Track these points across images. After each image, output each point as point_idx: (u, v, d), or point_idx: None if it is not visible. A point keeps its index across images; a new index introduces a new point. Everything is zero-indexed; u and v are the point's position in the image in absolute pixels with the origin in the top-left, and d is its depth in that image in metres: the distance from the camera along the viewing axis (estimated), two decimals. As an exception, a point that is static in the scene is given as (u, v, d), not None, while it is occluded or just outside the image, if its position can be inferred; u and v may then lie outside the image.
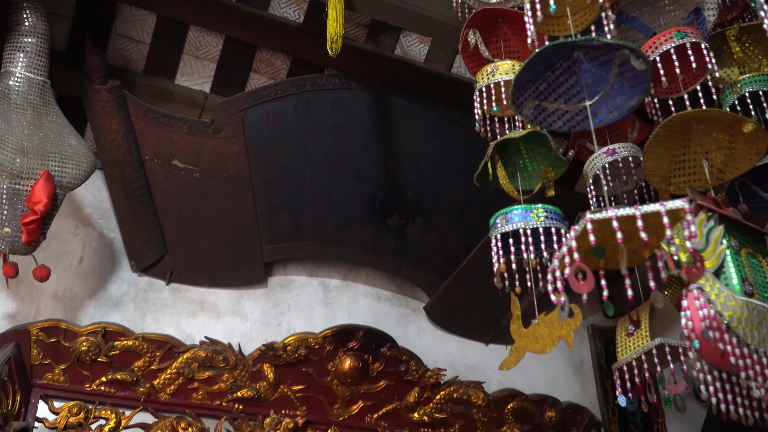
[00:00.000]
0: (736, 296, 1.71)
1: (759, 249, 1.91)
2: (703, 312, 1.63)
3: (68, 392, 3.13)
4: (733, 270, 1.77)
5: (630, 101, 1.89)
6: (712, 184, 1.98)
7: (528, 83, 1.87)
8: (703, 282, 1.68)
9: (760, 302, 1.76)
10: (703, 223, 1.80)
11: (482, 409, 3.81)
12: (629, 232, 1.56)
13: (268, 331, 3.66)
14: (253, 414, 3.40)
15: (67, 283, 3.34)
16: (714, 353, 1.62)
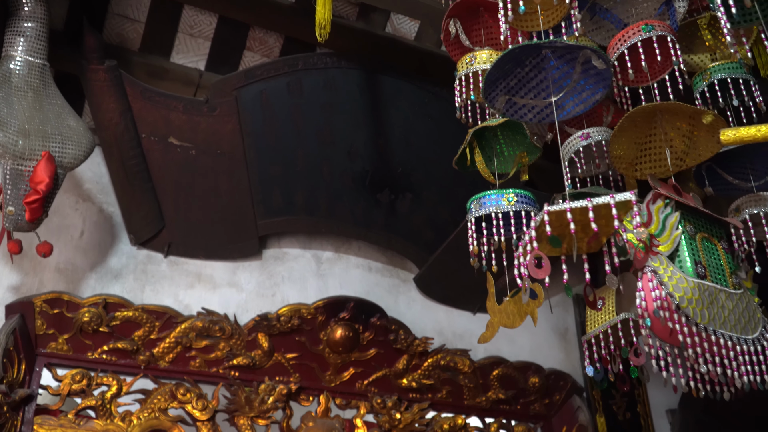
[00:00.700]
0: (689, 278, 1.85)
1: (714, 233, 2.04)
2: (655, 293, 1.77)
3: (71, 360, 3.29)
4: (686, 254, 1.90)
5: (594, 95, 2.00)
6: (674, 171, 2.10)
7: (498, 80, 1.98)
8: (657, 265, 1.82)
9: (712, 283, 1.90)
10: (660, 210, 1.93)
11: (468, 375, 3.98)
12: (585, 222, 1.68)
13: (262, 302, 3.81)
14: (249, 380, 3.57)
15: (68, 256, 3.48)
16: (664, 331, 1.76)
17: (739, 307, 1.93)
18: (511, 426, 4.14)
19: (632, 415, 4.47)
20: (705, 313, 1.82)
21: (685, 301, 1.80)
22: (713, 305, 1.85)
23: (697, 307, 1.81)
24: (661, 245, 1.89)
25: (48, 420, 3.16)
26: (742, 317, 1.92)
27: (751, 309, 1.98)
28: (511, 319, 2.28)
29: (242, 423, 3.50)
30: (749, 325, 1.93)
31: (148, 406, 3.37)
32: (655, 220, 1.92)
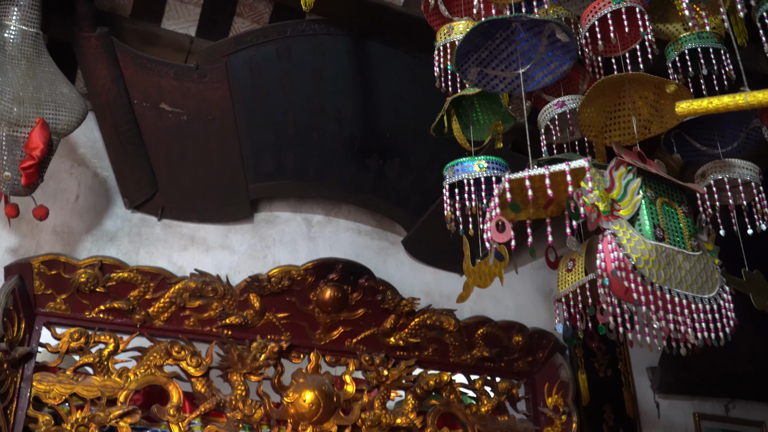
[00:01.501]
0: (647, 240, 1.96)
1: (675, 198, 2.15)
2: (613, 254, 1.88)
3: (69, 319, 3.42)
4: (646, 217, 2.01)
5: (562, 66, 2.09)
6: (640, 138, 2.20)
7: (470, 52, 2.07)
8: (617, 228, 1.93)
9: (670, 245, 2.01)
10: (622, 176, 2.04)
11: (454, 334, 4.12)
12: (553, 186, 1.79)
13: (254, 264, 3.93)
14: (241, 339, 3.71)
15: (65, 219, 3.59)
16: (621, 289, 1.88)
17: (696, 268, 2.05)
18: (495, 383, 4.29)
19: (613, 373, 4.64)
20: (661, 273, 1.93)
21: (642, 262, 1.91)
22: (670, 266, 1.97)
23: (653, 267, 1.93)
24: (621, 209, 1.99)
25: (47, 376, 3.30)
26: (699, 277, 2.03)
27: (709, 270, 2.10)
28: (483, 280, 2.41)
29: (235, 379, 3.65)
30: (706, 285, 2.04)
31: (144, 363, 3.51)
32: (617, 186, 2.02)
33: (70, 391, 3.33)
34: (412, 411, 3.97)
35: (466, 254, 2.45)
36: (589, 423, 4.39)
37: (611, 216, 1.91)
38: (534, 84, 2.14)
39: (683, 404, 4.84)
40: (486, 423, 4.15)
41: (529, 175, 1.80)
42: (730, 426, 5.05)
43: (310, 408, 3.71)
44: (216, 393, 3.59)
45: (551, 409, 4.24)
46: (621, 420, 4.52)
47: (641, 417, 4.65)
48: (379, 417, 3.87)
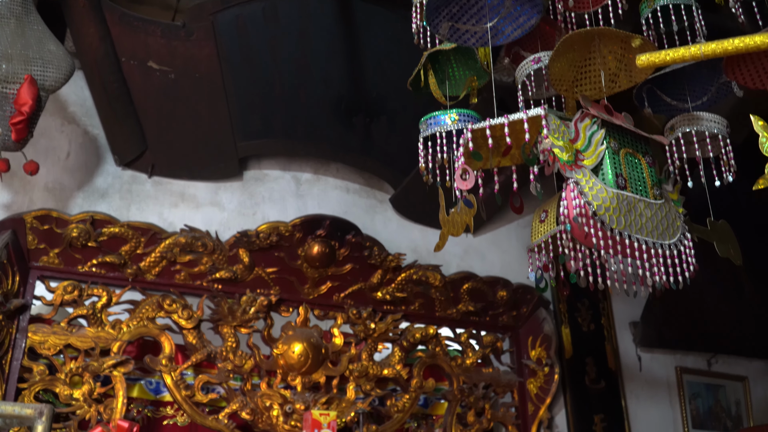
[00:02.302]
0: (608, 189, 2.04)
1: (640, 149, 2.22)
2: (575, 201, 1.96)
3: (63, 273, 3.51)
4: (608, 167, 2.09)
5: (530, 20, 2.15)
6: (608, 93, 2.26)
7: (440, 7, 2.13)
8: (580, 177, 2.00)
9: (631, 194, 2.09)
10: (587, 127, 2.11)
11: (439, 289, 4.22)
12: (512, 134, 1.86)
13: (244, 221, 4.01)
14: (231, 293, 3.81)
15: (56, 176, 3.67)
16: (581, 235, 1.97)
17: (657, 216, 2.13)
18: (480, 336, 4.41)
19: (596, 327, 4.75)
20: (621, 220, 2.02)
21: (603, 209, 2.00)
22: (631, 213, 2.05)
23: (614, 214, 2.01)
24: (585, 159, 2.07)
25: (42, 328, 3.41)
26: (660, 225, 2.12)
27: (671, 218, 2.18)
28: (456, 228, 2.49)
29: (226, 331, 3.76)
30: (667, 232, 2.13)
31: (136, 316, 3.62)
32: (581, 137, 2.09)
33: (65, 342, 3.43)
34: (399, 362, 4.10)
35: (442, 205, 2.53)
36: (571, 375, 4.52)
37: (575, 165, 1.99)
38: (504, 38, 2.20)
39: (665, 358, 4.96)
40: (471, 374, 4.28)
41: (490, 124, 1.87)
42: (712, 380, 5.17)
43: (299, 359, 3.82)
44: (207, 344, 3.71)
45: (534, 362, 4.36)
46: (603, 372, 4.64)
47: (623, 370, 4.78)
48: (366, 368, 3.99)
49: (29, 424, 1.31)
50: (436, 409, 4.30)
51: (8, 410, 1.30)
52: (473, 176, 1.89)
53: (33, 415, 1.30)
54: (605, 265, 2.06)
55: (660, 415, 4.79)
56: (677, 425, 4.82)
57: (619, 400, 4.64)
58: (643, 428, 4.67)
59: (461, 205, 2.37)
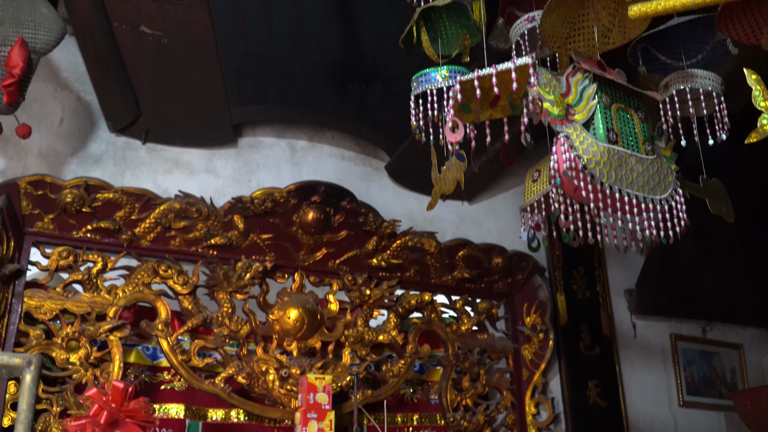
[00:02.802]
0: (599, 143, 2.04)
1: (632, 105, 2.21)
2: (565, 155, 1.96)
3: (57, 239, 3.51)
4: (600, 122, 2.08)
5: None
6: (602, 49, 2.25)
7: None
8: (571, 131, 2.00)
9: (622, 149, 2.09)
10: (579, 82, 2.10)
11: (435, 256, 4.23)
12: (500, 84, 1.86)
13: (239, 187, 4.01)
14: (226, 259, 3.81)
15: (50, 142, 3.66)
16: (571, 189, 1.97)
17: (649, 171, 2.13)
18: (476, 303, 4.43)
19: (591, 294, 4.78)
20: (612, 174, 2.02)
21: (593, 163, 1.99)
22: (622, 167, 2.05)
23: (604, 168, 2.01)
24: (576, 114, 2.06)
25: (37, 293, 3.42)
26: (652, 180, 2.12)
27: (663, 173, 2.18)
28: (447, 186, 2.49)
29: (221, 297, 3.77)
30: (659, 187, 2.13)
31: (132, 281, 3.63)
32: (573, 92, 2.08)
33: (61, 306, 3.45)
34: (394, 329, 4.12)
35: (434, 163, 2.52)
36: (565, 341, 4.55)
37: (566, 120, 1.99)
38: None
39: (660, 325, 4.99)
40: (466, 340, 4.31)
41: (479, 75, 1.86)
42: (707, 347, 5.21)
43: (295, 325, 3.84)
44: (203, 310, 3.72)
45: (529, 328, 4.39)
46: (597, 339, 4.67)
47: (618, 337, 4.81)
48: (361, 334, 4.01)
49: (18, 373, 1.31)
50: (432, 375, 4.32)
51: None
52: (462, 129, 1.89)
53: (21, 364, 1.31)
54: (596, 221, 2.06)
55: (654, 382, 4.83)
56: (671, 391, 4.86)
57: (614, 367, 4.67)
58: (637, 394, 4.71)
59: (453, 161, 2.37)
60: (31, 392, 1.28)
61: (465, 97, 1.89)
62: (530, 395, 4.34)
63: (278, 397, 3.75)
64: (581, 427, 4.42)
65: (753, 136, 2.04)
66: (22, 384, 1.27)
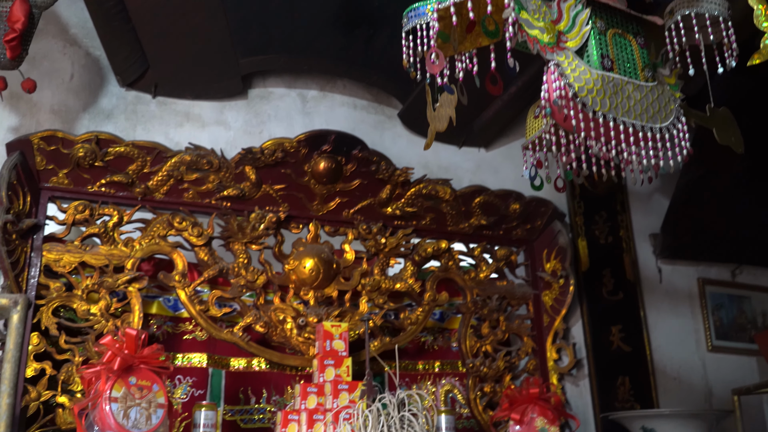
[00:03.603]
0: (592, 70, 1.96)
1: (630, 30, 2.12)
2: (555, 84, 1.89)
3: (73, 193, 3.55)
4: (594, 48, 2.00)
5: None
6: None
7: None
8: (562, 59, 1.93)
9: (618, 75, 2.01)
10: (571, 8, 2.02)
11: (450, 203, 4.19)
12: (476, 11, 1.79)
13: (250, 139, 4.01)
14: (240, 210, 3.83)
15: (61, 98, 3.69)
16: (561, 118, 1.91)
17: (648, 99, 2.05)
18: (494, 250, 4.40)
19: (614, 239, 4.70)
20: (606, 102, 1.94)
21: (585, 91, 1.92)
22: (617, 95, 1.97)
23: (597, 96, 1.94)
24: (569, 41, 1.99)
25: (56, 246, 3.48)
26: (651, 107, 2.04)
27: (664, 101, 2.09)
28: (441, 123, 2.44)
29: (237, 248, 3.80)
30: (659, 115, 2.05)
31: (148, 234, 3.67)
32: (564, 18, 2.00)
33: (79, 259, 3.50)
34: (411, 277, 4.11)
35: (428, 101, 2.47)
36: (587, 287, 4.51)
37: (557, 47, 1.91)
38: None
39: (687, 269, 4.90)
40: (485, 287, 4.29)
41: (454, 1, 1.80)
42: (736, 291, 5.11)
43: (311, 274, 3.86)
44: (219, 261, 3.75)
45: (549, 274, 4.35)
46: (621, 284, 4.62)
47: (642, 282, 4.75)
48: (378, 282, 4.02)
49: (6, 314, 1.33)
50: (452, 323, 4.32)
51: None
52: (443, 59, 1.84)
53: (8, 305, 1.32)
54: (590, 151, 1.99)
55: (681, 327, 4.77)
56: (699, 336, 4.79)
57: (638, 312, 4.62)
58: (663, 339, 4.66)
59: (444, 96, 2.32)
60: (18, 332, 1.29)
61: (443, 26, 1.83)
62: (551, 341, 4.32)
63: (296, 345, 3.79)
64: (604, 372, 4.40)
65: (756, 58, 1.94)
66: (10, 324, 1.28)
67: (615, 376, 4.40)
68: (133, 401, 2.79)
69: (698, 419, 3.59)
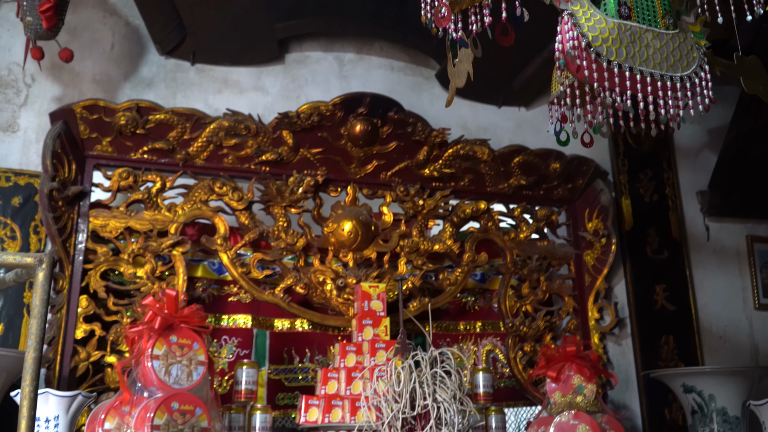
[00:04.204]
0: (608, 18, 1.91)
1: (650, -25, 2.06)
2: (569, 34, 1.86)
3: (116, 161, 3.67)
4: (611, -5, 1.96)
5: None
6: None
7: None
8: (576, 8, 1.89)
9: (636, 23, 1.96)
10: (585, -45, 1.97)
11: (489, 163, 4.16)
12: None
13: (288, 104, 4.05)
14: (279, 174, 3.89)
15: (102, 67, 3.79)
16: (574, 68, 1.87)
17: (669, 47, 1.99)
18: (535, 210, 4.36)
19: (659, 197, 4.61)
20: (622, 51, 1.90)
21: (599, 40, 1.88)
22: (635, 44, 1.92)
23: (613, 45, 1.89)
24: (585, -11, 1.94)
25: (102, 212, 3.61)
26: (672, 56, 1.98)
27: (686, 49, 2.03)
28: (460, 78, 2.43)
29: (276, 212, 3.87)
30: (680, 63, 1.99)
31: (190, 199, 3.77)
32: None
33: (125, 224, 3.63)
34: (450, 238, 4.12)
35: (449, 57, 2.46)
36: (630, 246, 4.45)
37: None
38: None
39: (735, 227, 4.77)
40: (525, 248, 4.27)
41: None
42: (786, 248, 4.95)
43: (349, 236, 3.91)
44: (259, 225, 3.83)
45: (591, 233, 4.30)
46: (666, 243, 4.53)
47: (689, 240, 4.65)
48: (417, 244, 4.04)
49: (32, 273, 1.40)
50: (494, 284, 4.32)
51: (9, 260, 1.40)
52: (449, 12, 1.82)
53: (33, 263, 1.39)
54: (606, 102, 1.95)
55: (728, 285, 4.66)
56: (746, 294, 4.68)
57: (684, 270, 4.53)
58: (708, 297, 4.57)
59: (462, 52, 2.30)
60: (43, 288, 1.36)
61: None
62: (593, 300, 4.28)
63: (336, 306, 3.86)
64: (647, 331, 4.35)
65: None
66: (36, 281, 1.35)
67: (659, 335, 4.34)
68: (174, 359, 2.90)
69: (740, 376, 3.53)
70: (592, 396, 3.49)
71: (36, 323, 1.37)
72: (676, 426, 4.12)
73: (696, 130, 4.83)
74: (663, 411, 4.21)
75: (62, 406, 2.06)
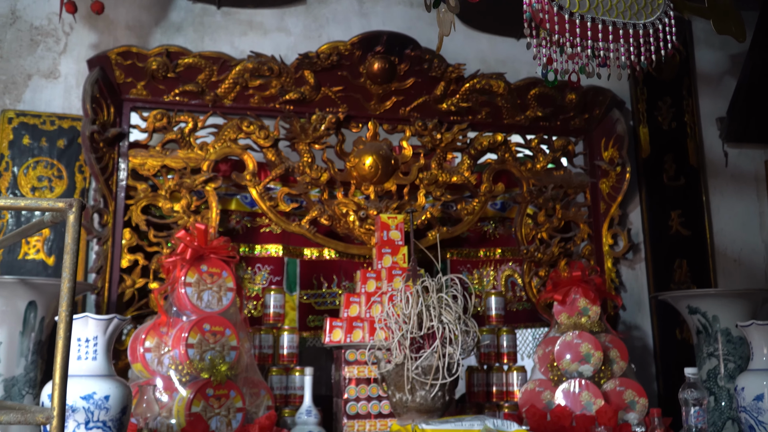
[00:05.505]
0: (573, -30, 2.04)
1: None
2: (534, -8, 2.00)
3: (151, 103, 3.94)
4: (574, -52, 2.07)
5: None
6: None
7: None
8: (540, -38, 2.02)
9: (601, -26, 2.08)
10: None
11: (505, 96, 4.29)
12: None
13: (310, 44, 4.22)
14: (302, 112, 4.11)
15: (135, 14, 4.03)
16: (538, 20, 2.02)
17: (633, -5, 2.11)
18: (552, 141, 4.50)
19: (678, 125, 4.67)
20: (585, 2, 2.03)
21: (562, -8, 2.02)
22: (599, -6, 2.05)
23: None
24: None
25: (140, 152, 3.91)
26: (636, 4, 2.10)
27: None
28: (446, 26, 2.57)
29: (301, 148, 4.12)
30: (644, 11, 2.11)
31: (220, 138, 4.04)
32: None
33: (161, 163, 3.93)
34: (467, 170, 4.31)
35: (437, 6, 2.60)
36: (647, 173, 4.55)
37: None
38: None
39: (754, 153, 4.82)
40: (541, 177, 4.44)
41: None
42: (809, 171, 4.97)
43: (370, 170, 4.14)
44: (285, 161, 4.09)
45: (607, 162, 4.42)
46: (683, 169, 4.62)
47: (707, 166, 4.72)
48: (435, 176, 4.25)
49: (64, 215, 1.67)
50: (513, 212, 4.49)
51: (44, 205, 1.67)
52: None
53: (65, 207, 1.65)
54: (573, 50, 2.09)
55: (745, 210, 4.74)
56: (764, 218, 4.76)
57: (700, 196, 4.63)
58: (725, 222, 4.67)
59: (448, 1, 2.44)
60: (74, 228, 1.61)
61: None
62: (607, 227, 4.45)
63: (359, 236, 4.12)
64: (661, 255, 4.50)
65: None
66: (67, 222, 1.62)
67: (672, 259, 4.49)
68: (205, 285, 3.23)
69: (744, 299, 3.67)
70: (596, 317, 3.70)
71: (69, 258, 1.63)
72: (687, 345, 4.31)
73: (719, 56, 4.84)
74: (674, 331, 4.40)
75: (100, 328, 2.39)
